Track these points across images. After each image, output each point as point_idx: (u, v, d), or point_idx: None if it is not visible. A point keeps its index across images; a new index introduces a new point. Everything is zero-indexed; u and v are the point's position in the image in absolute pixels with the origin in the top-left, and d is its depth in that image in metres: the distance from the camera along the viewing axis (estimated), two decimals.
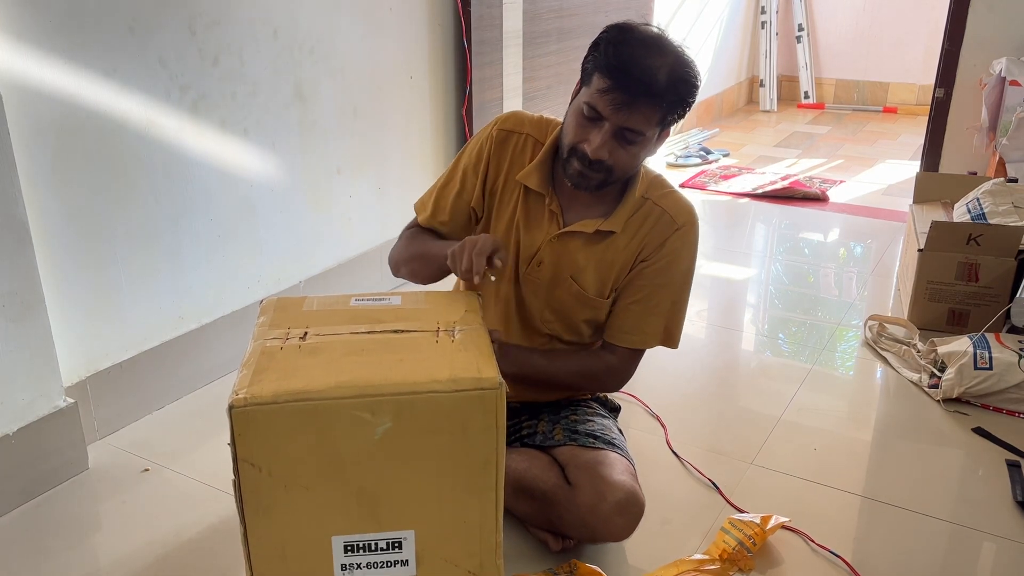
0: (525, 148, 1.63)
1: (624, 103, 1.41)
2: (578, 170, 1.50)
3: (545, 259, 1.62)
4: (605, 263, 1.61)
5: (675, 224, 1.59)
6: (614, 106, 1.41)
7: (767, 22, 5.85)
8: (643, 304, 1.61)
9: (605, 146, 1.45)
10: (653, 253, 1.59)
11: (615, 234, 1.59)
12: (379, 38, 2.65)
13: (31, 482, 1.82)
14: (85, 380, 1.98)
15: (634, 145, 1.47)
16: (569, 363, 1.67)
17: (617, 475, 1.56)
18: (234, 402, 1.10)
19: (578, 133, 1.48)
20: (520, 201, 1.62)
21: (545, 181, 1.60)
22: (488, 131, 1.65)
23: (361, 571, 1.21)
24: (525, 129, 1.64)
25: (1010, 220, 2.55)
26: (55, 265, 1.87)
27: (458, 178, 1.67)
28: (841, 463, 1.97)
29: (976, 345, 2.20)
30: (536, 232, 1.62)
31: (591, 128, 1.46)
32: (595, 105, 1.43)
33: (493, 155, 1.63)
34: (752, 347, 2.64)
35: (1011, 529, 1.74)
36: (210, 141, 2.17)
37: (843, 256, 3.41)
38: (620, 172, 1.51)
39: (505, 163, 1.63)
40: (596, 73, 1.44)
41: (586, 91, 1.46)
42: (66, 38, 1.80)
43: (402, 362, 1.19)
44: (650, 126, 1.45)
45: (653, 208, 1.60)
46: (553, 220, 1.61)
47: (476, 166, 1.65)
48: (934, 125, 3.55)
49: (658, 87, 1.41)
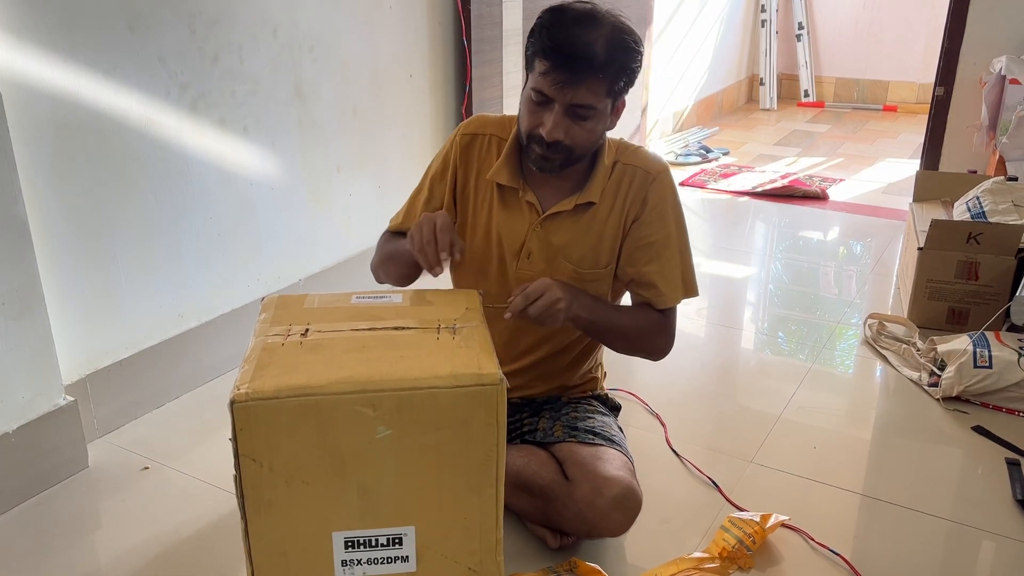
0: (491, 148, 1.65)
1: (567, 81, 1.43)
2: (539, 154, 1.52)
3: (533, 249, 1.63)
4: (593, 234, 1.62)
5: (649, 176, 1.61)
6: (558, 86, 1.44)
7: (767, 20, 5.85)
8: (656, 263, 1.62)
9: (559, 126, 1.47)
10: (641, 210, 1.61)
11: (595, 204, 1.61)
12: (379, 36, 2.65)
13: (31, 480, 1.82)
14: (85, 378, 1.98)
15: (588, 120, 1.49)
16: (634, 318, 1.65)
17: (614, 470, 1.57)
18: (236, 397, 1.10)
19: (532, 119, 1.51)
20: (495, 199, 1.64)
21: (515, 174, 1.62)
22: (452, 138, 1.68)
23: (361, 567, 1.21)
24: (488, 130, 1.66)
25: (1010, 218, 2.55)
26: (55, 263, 1.87)
27: (426, 187, 1.70)
28: (841, 461, 1.97)
29: (976, 344, 2.20)
30: (518, 226, 1.63)
31: (543, 112, 1.48)
32: (541, 89, 1.46)
33: (459, 161, 1.66)
34: (752, 346, 2.64)
35: (1010, 527, 1.74)
36: (210, 139, 2.17)
37: (843, 254, 3.41)
38: (580, 149, 1.53)
39: (473, 167, 1.66)
40: (537, 58, 1.46)
41: (531, 77, 1.49)
42: (66, 36, 1.80)
43: (403, 358, 1.19)
44: (599, 99, 1.47)
45: (625, 169, 1.62)
46: (532, 210, 1.62)
47: (443, 173, 1.68)
48: (934, 123, 3.55)
49: (597, 59, 1.43)
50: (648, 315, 1.64)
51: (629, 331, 1.64)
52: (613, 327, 1.62)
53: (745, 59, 5.99)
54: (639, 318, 1.65)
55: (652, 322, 1.64)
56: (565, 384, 1.79)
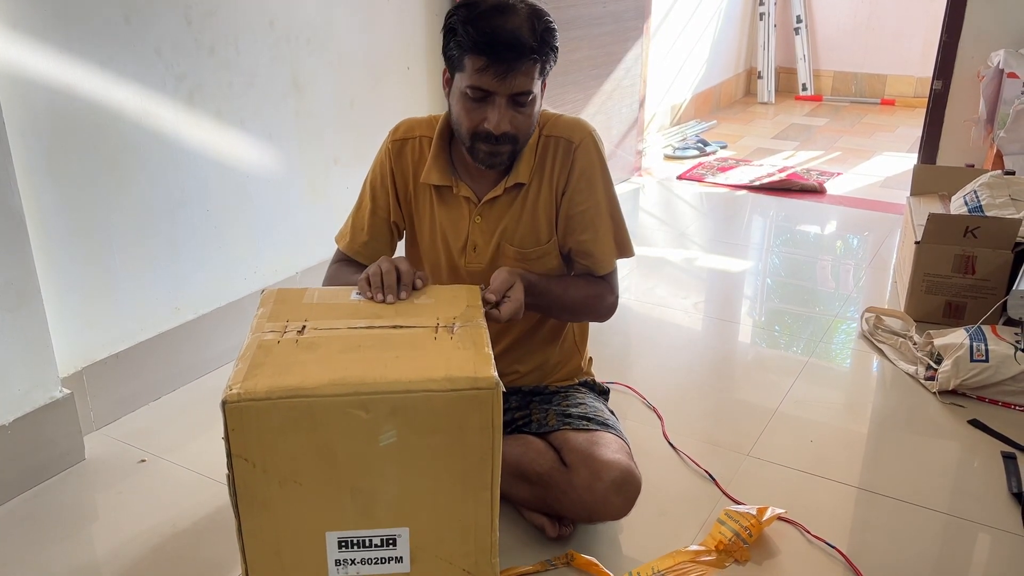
0: (423, 150, 1.65)
1: (506, 71, 1.43)
2: (487, 151, 1.52)
3: (478, 242, 1.64)
4: (528, 214, 1.63)
5: (572, 143, 1.61)
6: (498, 78, 1.44)
7: (765, 13, 5.84)
8: (589, 231, 1.63)
9: (505, 117, 1.48)
10: (568, 180, 1.61)
11: (525, 185, 1.61)
12: (376, 28, 2.64)
13: (27, 473, 1.82)
14: (81, 371, 1.98)
15: (527, 106, 1.50)
16: (580, 289, 1.67)
17: (612, 454, 1.57)
18: (227, 397, 1.10)
19: (472, 117, 1.49)
20: (434, 200, 1.65)
21: (445, 172, 1.62)
22: (385, 145, 1.68)
23: (355, 567, 1.21)
24: (416, 132, 1.66)
25: (1007, 212, 2.55)
26: (51, 255, 1.86)
27: (367, 198, 1.69)
28: (837, 455, 1.97)
29: (972, 337, 2.20)
30: (459, 220, 1.64)
31: (484, 108, 1.48)
32: (479, 85, 1.45)
33: (395, 167, 1.66)
34: (749, 339, 2.64)
35: (1006, 520, 1.74)
36: (206, 132, 2.16)
37: (840, 248, 3.42)
38: (524, 137, 1.54)
39: (409, 171, 1.66)
40: (467, 56, 1.45)
41: (462, 76, 1.47)
42: (61, 28, 1.79)
43: (398, 359, 1.18)
44: (534, 82, 1.48)
45: (548, 141, 1.62)
46: (468, 203, 1.63)
47: (383, 182, 1.67)
48: (932, 117, 3.55)
49: (528, 44, 1.43)
50: (590, 282, 1.67)
51: (574, 303, 1.66)
52: (557, 301, 1.63)
53: (743, 52, 5.98)
54: (582, 287, 1.66)
55: (594, 289, 1.67)
56: (547, 361, 1.78)
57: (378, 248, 1.69)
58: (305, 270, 2.56)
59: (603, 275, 1.67)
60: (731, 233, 3.59)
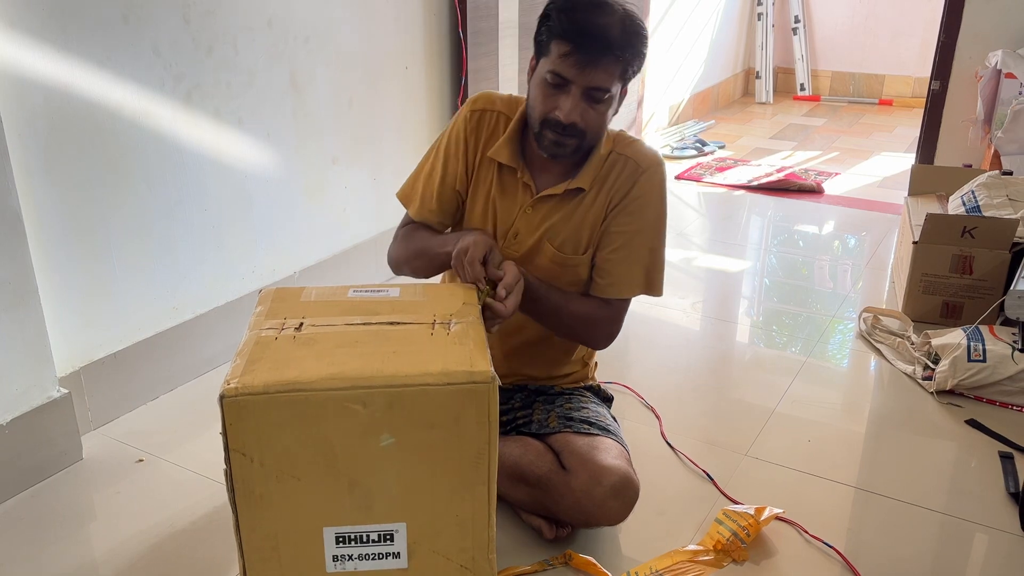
0: (498, 125, 1.66)
1: (587, 62, 1.45)
2: (552, 139, 1.53)
3: (521, 229, 1.65)
4: (577, 220, 1.63)
5: (640, 168, 1.62)
6: (579, 67, 1.45)
7: (763, 14, 5.84)
8: (621, 252, 1.63)
9: (576, 109, 1.49)
10: (621, 200, 1.62)
11: (585, 192, 1.62)
12: (374, 28, 2.64)
13: (25, 472, 1.81)
14: (79, 370, 1.98)
15: (602, 104, 1.51)
16: (581, 306, 1.67)
17: (611, 459, 1.57)
18: (225, 392, 1.10)
19: (547, 103, 1.51)
20: (495, 177, 1.66)
21: (515, 155, 1.63)
22: (463, 114, 1.68)
23: (353, 562, 1.21)
24: (496, 107, 1.67)
25: (1005, 213, 2.56)
26: (48, 255, 1.86)
27: (440, 165, 1.69)
28: (835, 455, 1.98)
29: (970, 337, 2.20)
30: (511, 205, 1.65)
31: (559, 95, 1.50)
32: (559, 71, 1.47)
33: (470, 136, 1.67)
34: (747, 339, 2.64)
35: (1003, 520, 1.75)
36: (204, 131, 2.16)
37: (838, 248, 3.42)
38: (592, 133, 1.55)
39: (481, 142, 1.67)
40: (553, 41, 1.47)
41: (546, 61, 1.50)
42: (59, 27, 1.79)
43: (395, 354, 1.18)
44: (613, 82, 1.49)
45: (618, 158, 1.63)
46: (526, 191, 1.64)
47: (456, 150, 1.68)
48: (930, 117, 3.56)
49: (615, 42, 1.46)
50: (593, 304, 1.66)
51: (571, 318, 1.65)
52: (553, 311, 1.63)
53: (741, 53, 5.98)
54: (583, 305, 1.66)
55: (596, 312, 1.66)
56: (557, 367, 1.79)
57: (446, 218, 1.72)
58: (303, 270, 2.56)
59: (613, 300, 1.66)
60: (729, 233, 3.59)
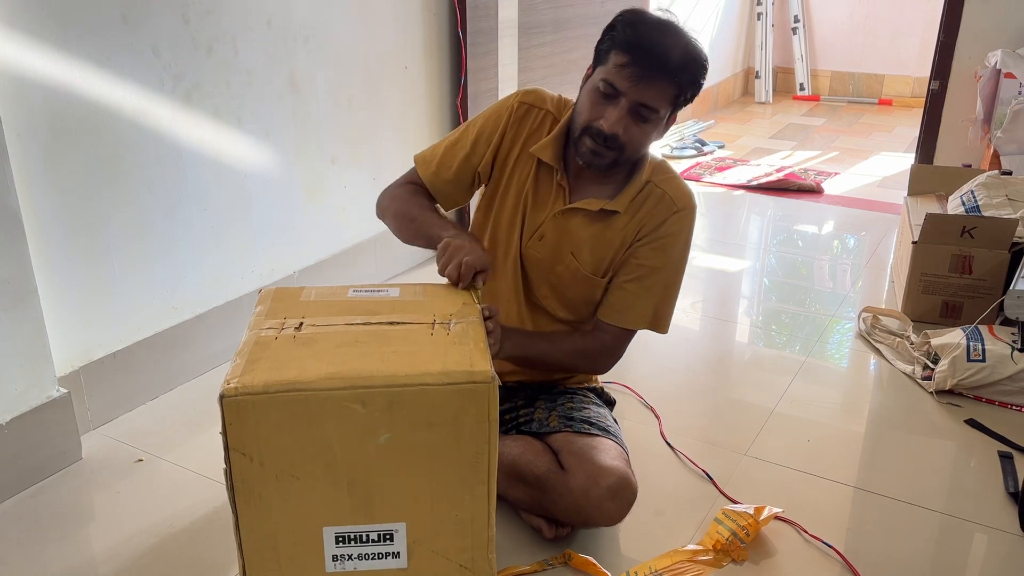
0: (543, 124, 1.65)
1: (642, 76, 1.45)
2: (591, 148, 1.53)
3: (547, 234, 1.64)
4: (604, 242, 1.63)
5: (674, 206, 1.62)
6: (632, 80, 1.45)
7: (763, 13, 5.84)
8: (636, 284, 1.63)
9: (621, 121, 1.49)
10: (650, 233, 1.62)
11: (617, 214, 1.61)
12: (374, 28, 2.64)
13: (24, 472, 1.81)
14: (78, 370, 1.97)
15: (647, 123, 1.51)
16: (570, 344, 1.69)
17: (610, 460, 1.57)
18: (225, 391, 1.10)
19: (594, 111, 1.51)
20: (532, 174, 1.65)
21: (557, 156, 1.62)
22: (510, 102, 1.67)
23: (352, 562, 1.21)
24: (546, 105, 1.67)
25: (1004, 212, 2.56)
26: (48, 254, 1.86)
27: (470, 140, 1.68)
28: (834, 454, 1.98)
29: (969, 337, 2.20)
30: (543, 206, 1.65)
31: (607, 105, 1.49)
32: (612, 81, 1.47)
33: (511, 126, 1.66)
34: (746, 339, 2.64)
35: (1003, 520, 1.75)
36: (204, 131, 2.16)
37: (837, 248, 3.42)
38: (631, 151, 1.54)
39: (522, 136, 1.66)
40: (613, 51, 1.48)
41: (602, 69, 1.50)
42: (58, 27, 1.78)
43: (395, 354, 1.18)
44: (664, 103, 1.49)
45: (654, 190, 1.62)
46: (560, 195, 1.63)
47: (491, 133, 1.67)
48: (929, 117, 3.56)
49: (674, 63, 1.46)
50: (591, 338, 1.68)
51: (567, 359, 1.70)
52: (547, 359, 1.67)
53: (741, 52, 5.98)
54: (577, 343, 1.69)
55: (593, 345, 1.68)
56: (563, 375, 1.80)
57: (456, 192, 1.71)
58: (303, 269, 2.56)
59: (615, 328, 1.66)
60: (728, 233, 3.59)
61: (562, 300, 1.69)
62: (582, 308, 1.71)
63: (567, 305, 1.70)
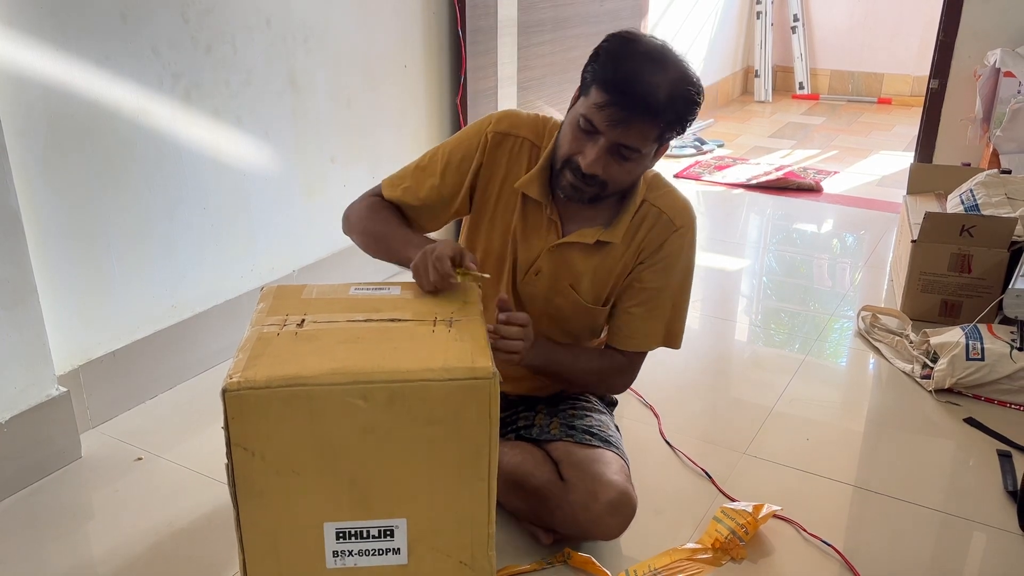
0: (521, 152, 1.57)
1: (620, 120, 1.37)
2: (571, 183, 1.46)
3: (543, 268, 1.59)
4: (603, 271, 1.59)
5: (673, 226, 1.57)
6: (610, 122, 1.37)
7: (762, 12, 5.84)
8: (643, 307, 1.60)
9: (599, 161, 1.41)
10: (651, 255, 1.57)
11: (613, 244, 1.57)
12: (373, 27, 2.64)
13: (24, 471, 1.81)
14: (78, 369, 1.98)
15: (629, 162, 1.43)
16: (591, 362, 1.64)
17: (611, 475, 1.55)
18: (228, 385, 1.11)
19: (573, 145, 1.44)
20: (518, 209, 1.58)
21: (544, 190, 1.55)
22: (483, 132, 1.59)
23: (353, 558, 1.22)
24: (522, 132, 1.58)
25: (1003, 211, 2.56)
26: (47, 253, 1.86)
27: (439, 168, 1.60)
28: (833, 453, 1.98)
29: (968, 336, 2.20)
30: (534, 241, 1.59)
31: (586, 141, 1.42)
32: (591, 119, 1.39)
33: (487, 158, 1.58)
34: (745, 338, 2.65)
35: (1001, 518, 1.75)
36: (203, 130, 2.16)
37: (836, 247, 3.42)
38: (614, 187, 1.48)
39: (501, 167, 1.58)
40: (594, 86, 1.39)
41: (583, 102, 1.41)
42: (58, 25, 1.78)
43: (397, 350, 1.19)
44: (646, 143, 1.42)
45: (650, 209, 1.57)
46: (552, 229, 1.57)
47: (463, 163, 1.59)
48: (928, 116, 3.56)
49: (657, 105, 1.36)
50: (608, 359, 1.64)
51: (585, 378, 1.67)
52: (567, 374, 1.63)
53: (740, 51, 5.98)
54: (596, 363, 1.65)
55: (610, 366, 1.64)
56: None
57: (422, 217, 1.63)
58: (302, 268, 2.56)
59: (629, 352, 1.63)
60: (728, 232, 3.59)
61: (564, 331, 1.65)
62: (584, 335, 1.69)
63: (569, 335, 1.67)
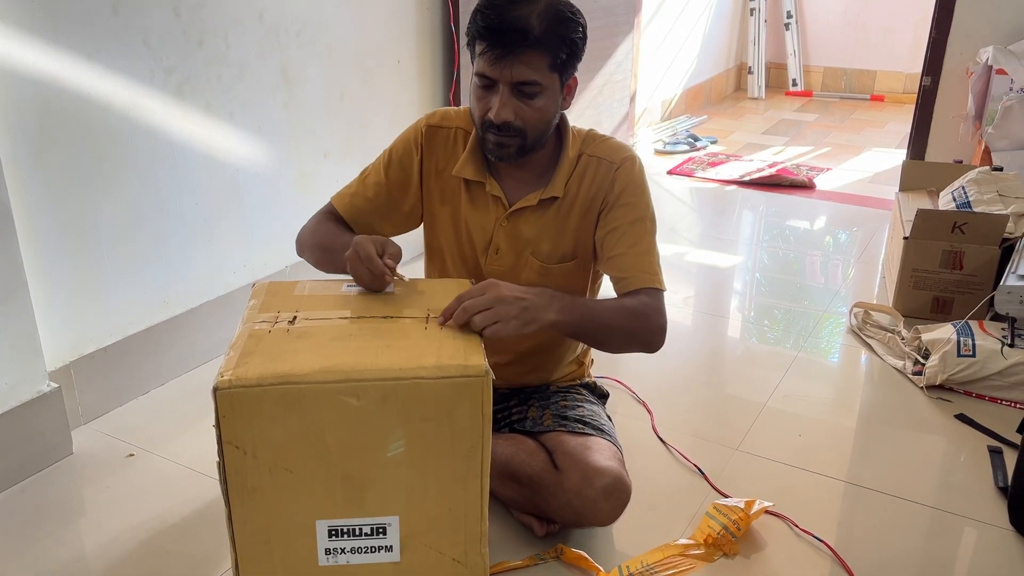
0: (456, 142, 1.62)
1: (503, 56, 1.41)
2: (494, 141, 1.49)
3: (501, 244, 1.62)
4: (556, 228, 1.61)
5: (613, 164, 1.58)
6: (496, 63, 1.41)
7: (756, 9, 5.85)
8: (628, 244, 1.56)
9: (507, 106, 1.44)
10: (607, 197, 1.58)
11: (559, 199, 1.59)
12: (366, 21, 2.63)
13: (15, 467, 1.81)
14: (69, 365, 1.97)
15: (536, 98, 1.46)
16: (623, 305, 1.53)
17: (604, 460, 1.57)
18: (219, 384, 1.10)
19: (481, 105, 1.48)
20: (463, 195, 1.62)
21: (480, 168, 1.59)
22: (418, 128, 1.64)
23: (345, 555, 1.21)
24: (452, 123, 1.63)
25: (995, 208, 2.57)
26: (38, 249, 1.85)
27: (382, 167, 1.65)
28: (825, 449, 1.98)
29: (960, 333, 2.21)
30: (485, 221, 1.62)
31: (490, 96, 1.46)
32: (483, 71, 1.44)
33: (426, 153, 1.62)
34: (738, 334, 2.65)
35: (992, 514, 1.76)
36: (195, 124, 2.15)
37: (829, 244, 3.43)
38: (533, 130, 1.49)
39: (439, 160, 1.62)
40: (476, 42, 1.44)
41: (474, 64, 1.47)
42: (48, 19, 1.77)
43: (389, 348, 1.18)
44: (542, 74, 1.44)
45: (590, 160, 1.59)
46: (497, 204, 1.61)
47: (404, 159, 1.63)
48: (921, 113, 3.56)
49: (532, 32, 1.40)
50: (637, 299, 1.52)
51: (623, 324, 1.50)
52: (603, 324, 1.49)
53: (734, 48, 5.98)
54: (628, 305, 1.52)
55: (643, 306, 1.51)
56: (556, 370, 1.80)
57: (375, 219, 1.65)
58: (295, 264, 2.55)
59: (645, 290, 1.53)
60: (721, 228, 3.59)
61: None
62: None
63: None
